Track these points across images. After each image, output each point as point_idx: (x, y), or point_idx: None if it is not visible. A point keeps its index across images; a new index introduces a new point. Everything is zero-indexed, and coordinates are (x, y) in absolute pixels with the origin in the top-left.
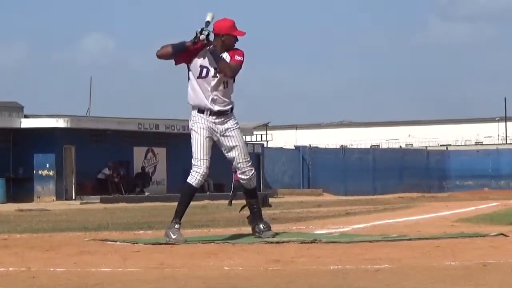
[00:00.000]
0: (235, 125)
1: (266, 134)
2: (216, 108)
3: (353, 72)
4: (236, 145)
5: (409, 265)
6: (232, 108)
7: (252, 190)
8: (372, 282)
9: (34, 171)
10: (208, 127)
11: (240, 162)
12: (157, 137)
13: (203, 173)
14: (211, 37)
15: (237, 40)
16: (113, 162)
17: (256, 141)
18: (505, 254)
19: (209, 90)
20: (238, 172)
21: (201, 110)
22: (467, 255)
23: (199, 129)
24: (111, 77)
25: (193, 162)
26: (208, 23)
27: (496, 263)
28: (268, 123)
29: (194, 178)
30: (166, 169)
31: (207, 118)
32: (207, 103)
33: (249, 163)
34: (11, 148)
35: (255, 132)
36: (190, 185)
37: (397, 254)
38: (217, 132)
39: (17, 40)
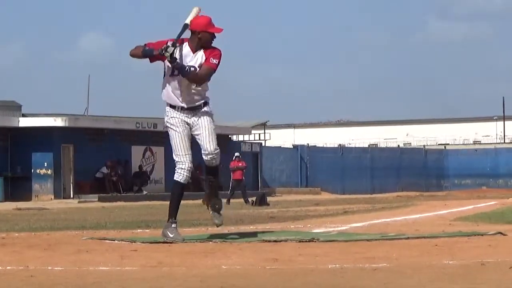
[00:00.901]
0: (205, 113)
1: (264, 133)
2: (188, 106)
3: (351, 71)
4: (205, 127)
5: (407, 264)
6: (205, 103)
7: (214, 167)
8: (370, 280)
9: (32, 170)
10: (182, 121)
11: (205, 143)
12: (155, 136)
13: (188, 168)
14: (177, 55)
15: (214, 37)
16: (111, 161)
17: (254, 140)
18: (503, 253)
19: (180, 89)
20: (203, 152)
21: (173, 106)
22: (465, 254)
23: (175, 126)
24: (109, 76)
25: (175, 158)
26: (186, 26)
27: (494, 262)
28: (266, 122)
29: (181, 175)
30: (164, 168)
31: (180, 113)
32: (178, 102)
33: (214, 144)
34: (9, 147)
35: (253, 131)
36: (178, 182)
37: (395, 252)
38: (190, 124)
39: (15, 39)
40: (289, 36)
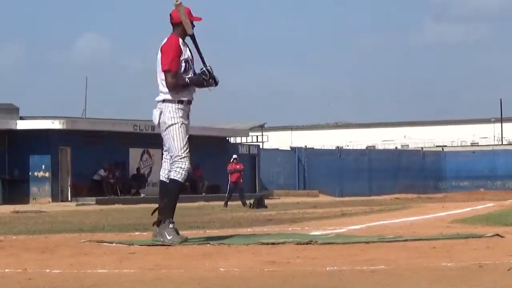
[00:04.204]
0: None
1: (262, 135)
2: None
3: (349, 73)
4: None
5: (405, 266)
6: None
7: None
8: (368, 283)
9: (30, 173)
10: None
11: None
12: (153, 138)
13: (188, 167)
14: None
15: (194, 26)
16: (109, 164)
17: (252, 142)
18: (500, 255)
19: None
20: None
21: (181, 101)
22: (463, 256)
23: (184, 120)
24: (106, 78)
25: (179, 154)
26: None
27: (491, 264)
28: (264, 124)
29: (181, 174)
30: None
31: (186, 107)
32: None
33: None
34: (7, 150)
35: (250, 133)
36: (178, 181)
37: (393, 255)
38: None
39: (13, 42)
40: (286, 37)
